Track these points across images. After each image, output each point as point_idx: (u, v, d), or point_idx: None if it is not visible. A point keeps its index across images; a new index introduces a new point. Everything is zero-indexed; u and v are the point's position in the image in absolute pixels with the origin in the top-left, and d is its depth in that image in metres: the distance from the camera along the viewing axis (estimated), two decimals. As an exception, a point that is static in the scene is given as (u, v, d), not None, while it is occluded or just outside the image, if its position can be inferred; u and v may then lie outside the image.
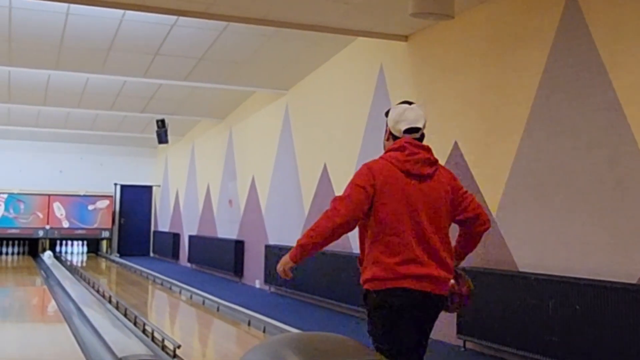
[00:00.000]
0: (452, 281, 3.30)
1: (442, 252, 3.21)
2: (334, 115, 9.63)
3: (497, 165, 6.37)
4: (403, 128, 3.40)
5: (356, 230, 3.39)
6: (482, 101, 6.64)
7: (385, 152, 3.42)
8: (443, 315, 3.40)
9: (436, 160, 3.37)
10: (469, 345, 6.56)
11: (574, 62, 5.60)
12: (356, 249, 8.44)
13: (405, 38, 7.85)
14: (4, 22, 8.22)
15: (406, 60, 7.91)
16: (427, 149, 3.36)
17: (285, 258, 3.39)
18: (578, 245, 5.50)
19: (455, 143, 6.92)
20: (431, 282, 3.13)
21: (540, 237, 5.88)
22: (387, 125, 3.54)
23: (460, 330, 6.54)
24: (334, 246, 8.03)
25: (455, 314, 6.50)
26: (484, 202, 6.46)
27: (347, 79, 9.35)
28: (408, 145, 3.32)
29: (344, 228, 3.25)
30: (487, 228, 3.43)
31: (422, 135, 3.44)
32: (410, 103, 3.52)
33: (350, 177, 3.31)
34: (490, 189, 6.44)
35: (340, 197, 3.25)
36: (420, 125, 3.43)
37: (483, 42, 6.68)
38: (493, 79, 6.51)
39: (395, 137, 3.43)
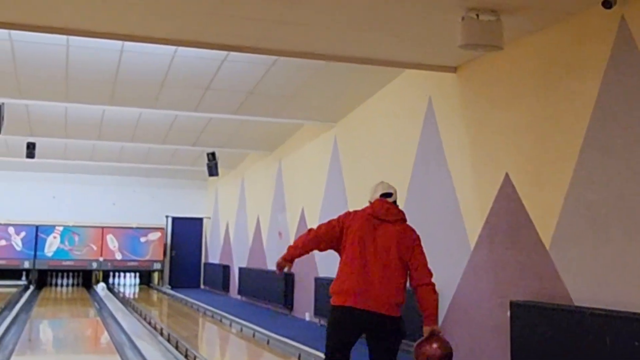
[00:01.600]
0: (429, 346, 4.33)
1: (378, 283, 4.34)
2: (383, 147, 9.61)
3: (550, 197, 6.26)
4: (378, 194, 4.75)
5: None
6: (533, 132, 6.55)
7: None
8: (495, 350, 3.37)
9: (403, 217, 4.67)
10: (523, 381, 6.40)
11: (627, 90, 5.50)
12: (408, 282, 8.32)
13: (454, 69, 7.82)
14: (61, 60, 8.48)
15: (455, 91, 7.87)
16: (396, 206, 4.67)
17: (280, 258, 4.84)
18: (637, 278, 5.35)
19: (507, 175, 6.83)
20: (359, 301, 4.30)
21: (597, 270, 5.74)
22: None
23: (514, 366, 6.39)
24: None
25: (508, 349, 6.37)
26: (537, 234, 6.35)
27: (396, 111, 9.33)
28: (379, 200, 4.67)
29: (315, 242, 4.71)
30: (420, 285, 4.59)
31: (395, 202, 4.72)
32: (382, 181, 4.90)
33: (400, 207, 4.72)
34: (543, 220, 6.32)
35: (320, 224, 4.69)
36: (391, 191, 4.78)
37: (533, 72, 6.62)
38: (544, 109, 6.43)
39: None
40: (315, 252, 5.19)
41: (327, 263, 11.38)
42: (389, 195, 4.72)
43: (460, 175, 7.65)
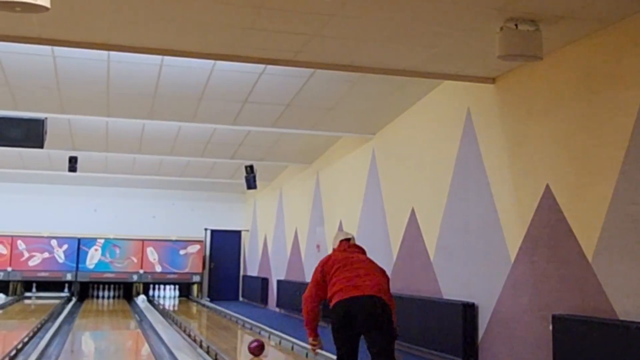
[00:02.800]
0: None
1: (365, 279, 5.06)
2: (421, 159, 9.58)
3: (592, 209, 6.16)
4: (338, 240, 5.51)
5: (446, 274, 4.47)
6: (574, 143, 6.47)
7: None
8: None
9: (364, 251, 5.51)
10: (566, 396, 6.29)
11: (671, 101, 5.40)
12: (447, 295, 8.33)
13: (492, 80, 7.77)
14: (102, 75, 8.63)
15: (494, 102, 7.82)
16: (358, 246, 5.52)
17: (309, 340, 5.36)
18: (682, 292, 5.23)
19: (547, 186, 6.75)
20: (358, 289, 4.98)
21: (641, 283, 5.63)
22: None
23: (556, 381, 6.29)
24: (424, 291, 7.89)
25: (551, 363, 6.27)
26: (579, 246, 6.25)
27: (434, 123, 9.30)
28: (342, 243, 5.46)
29: (315, 304, 5.28)
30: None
31: (354, 243, 5.54)
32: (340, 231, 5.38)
33: (439, 220, 4.59)
34: (585, 233, 6.23)
35: (305, 291, 5.38)
36: (349, 236, 5.57)
37: (573, 82, 6.55)
38: (585, 120, 6.35)
39: None
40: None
41: (365, 276, 11.32)
42: (348, 239, 5.50)
43: (500, 187, 7.58)
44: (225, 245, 21.18)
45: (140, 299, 18.55)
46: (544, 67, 6.77)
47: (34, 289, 19.51)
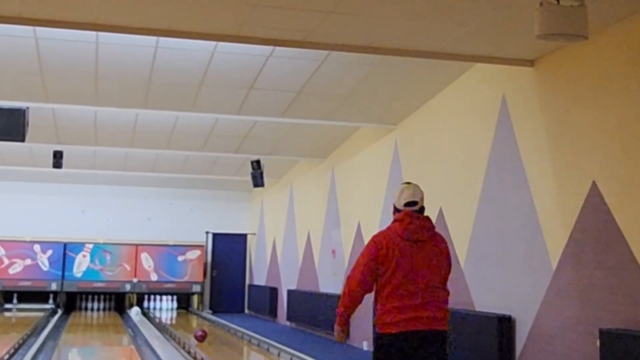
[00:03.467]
0: None
1: (427, 303, 4.69)
2: (450, 152, 9.55)
3: (645, 208, 6.13)
4: (403, 202, 4.82)
5: (479, 284, 4.22)
6: (625, 133, 6.43)
7: (392, 222, 4.85)
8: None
9: (433, 227, 4.89)
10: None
11: None
12: (480, 307, 8.31)
13: (531, 63, 7.73)
14: (90, 59, 8.66)
15: (533, 88, 7.78)
16: (425, 218, 4.84)
17: (335, 325, 4.86)
18: None
19: (593, 183, 6.72)
20: (420, 321, 4.63)
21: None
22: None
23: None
24: (454, 302, 7.88)
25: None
26: (630, 251, 6.21)
27: (465, 111, 9.27)
28: (406, 216, 4.76)
29: (360, 293, 4.73)
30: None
31: (422, 208, 4.88)
32: (409, 183, 5.00)
33: (470, 223, 4.32)
34: (637, 236, 6.19)
35: (352, 270, 4.75)
36: (416, 199, 4.86)
37: (623, 65, 6.50)
38: (636, 107, 6.30)
39: (398, 211, 4.85)
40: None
41: (387, 285, 11.31)
42: (414, 203, 4.84)
43: (540, 184, 7.55)
44: (229, 251, 21.24)
45: (134, 312, 18.64)
46: (589, 47, 6.72)
47: (14, 300, 19.67)
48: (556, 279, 7.21)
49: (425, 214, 4.93)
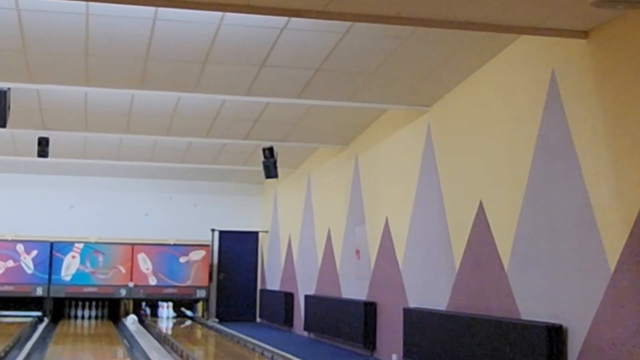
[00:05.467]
0: None
1: None
2: (491, 137, 9.52)
3: None
4: None
5: (525, 288, 3.88)
6: (694, 115, 6.39)
7: None
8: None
9: None
10: None
11: None
12: (526, 315, 8.28)
13: (584, 34, 7.68)
14: (79, 33, 8.69)
15: (586, 62, 7.73)
16: None
17: None
18: None
19: (658, 172, 6.68)
20: None
21: None
22: None
23: None
24: (496, 310, 7.86)
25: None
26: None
27: (508, 91, 9.23)
28: None
29: None
30: None
31: None
32: None
33: (515, 218, 4.00)
34: None
35: None
36: None
37: (693, 36, 6.45)
38: None
39: None
40: (404, 274, 5.17)
41: (420, 288, 11.36)
42: None
43: (595, 173, 7.51)
44: (237, 251, 21.34)
45: (130, 320, 18.76)
46: (653, 16, 6.68)
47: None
48: (614, 282, 7.18)
49: (463, 208, 4.76)
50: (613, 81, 7.38)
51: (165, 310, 20.55)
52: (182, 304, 20.51)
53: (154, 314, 20.43)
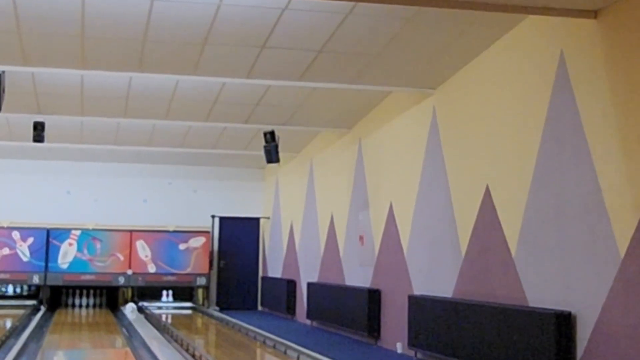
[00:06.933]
0: None
1: None
2: (498, 120, 9.51)
3: None
4: None
5: (532, 275, 3.82)
6: None
7: None
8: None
9: None
10: None
11: None
12: (534, 302, 8.28)
13: (593, 14, 7.66)
14: (75, 15, 8.67)
15: (596, 43, 7.71)
16: None
17: None
18: None
19: (670, 155, 6.67)
20: None
21: None
22: None
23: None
24: (503, 297, 7.87)
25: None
26: None
27: (516, 72, 9.21)
28: None
29: None
30: None
31: None
32: None
33: (523, 203, 3.95)
34: None
35: None
36: None
37: None
38: None
39: None
40: (409, 261, 5.16)
41: (425, 275, 11.36)
42: None
43: (605, 157, 7.49)
44: (238, 238, 21.35)
45: (129, 308, 18.79)
46: (665, -6, 6.66)
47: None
48: (624, 268, 7.18)
49: (470, 192, 4.73)
50: (623, 62, 7.36)
51: (166, 299, 20.59)
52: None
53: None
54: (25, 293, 20.08)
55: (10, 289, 20.09)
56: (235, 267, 21.28)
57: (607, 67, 7.57)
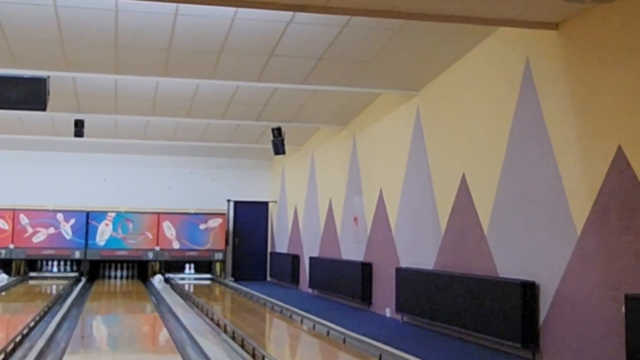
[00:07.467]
0: None
1: None
2: (473, 118, 9.50)
3: (672, 173, 6.07)
4: None
5: (502, 250, 3.72)
6: (652, 96, 6.36)
7: None
8: (607, 351, 3.31)
9: None
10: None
11: None
12: (503, 273, 8.28)
13: (555, 26, 7.64)
14: (109, 27, 8.66)
15: (557, 52, 7.69)
16: None
17: None
18: None
19: (619, 147, 6.65)
20: None
21: None
22: None
23: None
24: (476, 269, 7.88)
25: (623, 350, 6.24)
26: (657, 216, 6.18)
27: (488, 77, 9.20)
28: None
29: None
30: None
31: None
32: None
33: (494, 188, 3.85)
34: (664, 200, 6.15)
35: None
36: None
37: (651, 27, 6.41)
38: (665, 70, 6.22)
39: None
40: (396, 238, 5.14)
41: (410, 250, 11.37)
42: None
43: (565, 149, 7.49)
44: (250, 219, 21.34)
45: (157, 279, 18.82)
46: (617, 9, 6.63)
47: (39, 269, 19.92)
48: (581, 244, 7.19)
49: (448, 180, 4.68)
50: (580, 68, 7.35)
51: (188, 271, 20.61)
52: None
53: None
54: (68, 270, 20.06)
55: (55, 268, 20.09)
56: (248, 244, 21.28)
57: (567, 72, 7.56)
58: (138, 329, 11.72)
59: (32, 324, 10.24)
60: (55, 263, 20.00)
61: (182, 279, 19.89)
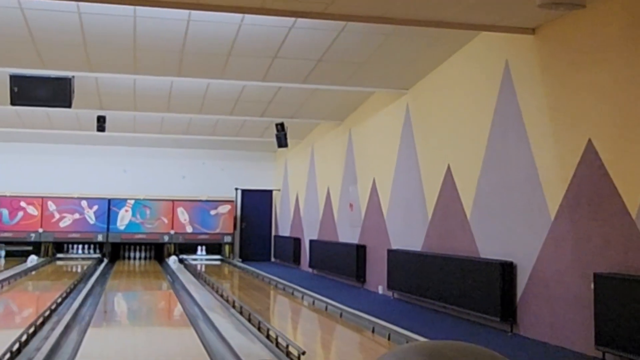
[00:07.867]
0: None
1: None
2: (457, 114, 9.49)
3: (637, 164, 6.06)
4: None
5: (483, 233, 3.73)
6: (619, 95, 6.34)
7: None
8: (577, 325, 3.31)
9: None
10: (608, 357, 6.28)
11: None
12: (484, 254, 8.28)
13: (532, 31, 7.62)
14: (129, 32, 8.64)
15: (534, 55, 7.68)
16: None
17: None
18: None
19: (589, 141, 6.65)
20: None
21: (688, 241, 5.54)
22: None
23: (598, 341, 6.26)
24: (460, 250, 7.88)
25: (592, 324, 6.25)
26: (623, 203, 6.17)
27: (471, 77, 9.18)
28: None
29: None
30: None
31: None
32: None
33: (476, 178, 3.85)
34: (630, 189, 6.14)
35: None
36: None
37: (619, 32, 6.38)
38: (631, 71, 6.20)
39: None
40: (388, 223, 5.14)
41: (400, 234, 11.37)
42: None
43: (540, 143, 7.49)
44: (256, 205, 21.34)
45: (172, 260, 18.84)
46: (587, 15, 6.61)
47: (65, 251, 19.93)
48: (554, 228, 7.19)
49: (435, 170, 4.70)
50: (554, 69, 7.33)
51: (200, 252, 20.63)
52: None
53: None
54: (92, 252, 20.08)
55: (80, 250, 20.12)
56: (254, 228, 21.29)
57: (542, 72, 7.54)
58: (155, 305, 11.74)
59: (59, 300, 10.26)
60: (80, 246, 20.02)
61: (195, 259, 19.91)
